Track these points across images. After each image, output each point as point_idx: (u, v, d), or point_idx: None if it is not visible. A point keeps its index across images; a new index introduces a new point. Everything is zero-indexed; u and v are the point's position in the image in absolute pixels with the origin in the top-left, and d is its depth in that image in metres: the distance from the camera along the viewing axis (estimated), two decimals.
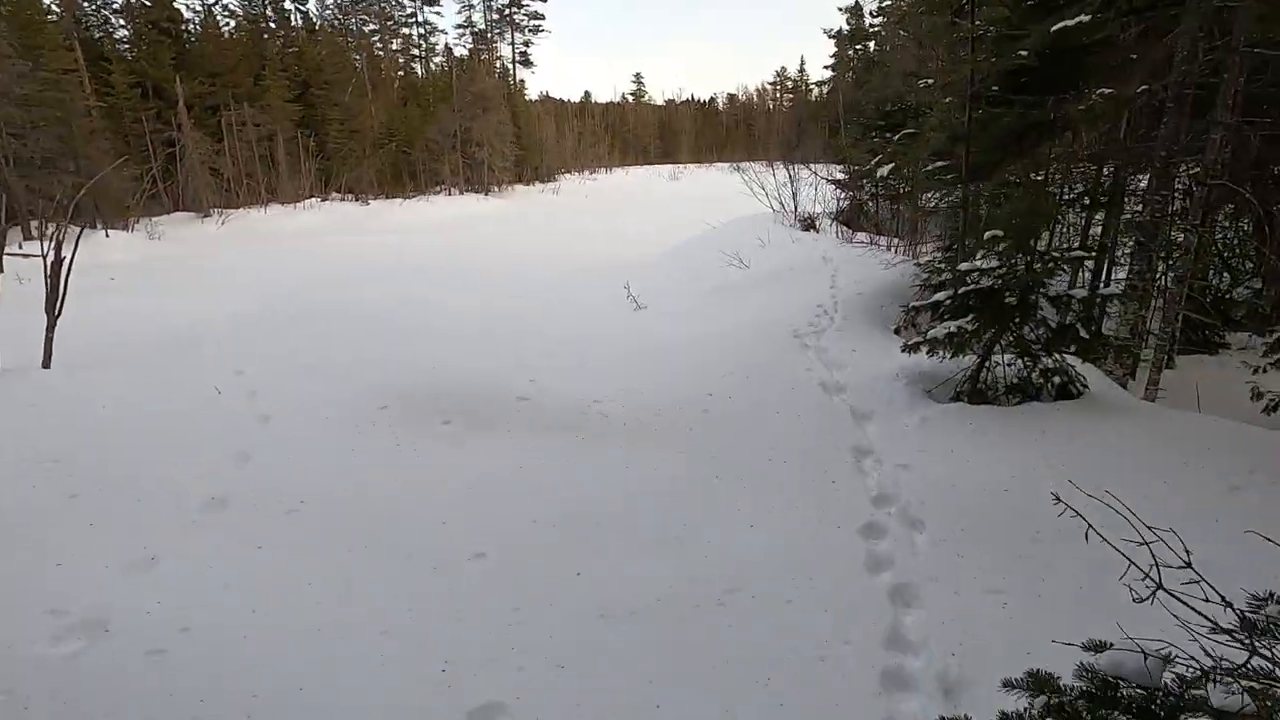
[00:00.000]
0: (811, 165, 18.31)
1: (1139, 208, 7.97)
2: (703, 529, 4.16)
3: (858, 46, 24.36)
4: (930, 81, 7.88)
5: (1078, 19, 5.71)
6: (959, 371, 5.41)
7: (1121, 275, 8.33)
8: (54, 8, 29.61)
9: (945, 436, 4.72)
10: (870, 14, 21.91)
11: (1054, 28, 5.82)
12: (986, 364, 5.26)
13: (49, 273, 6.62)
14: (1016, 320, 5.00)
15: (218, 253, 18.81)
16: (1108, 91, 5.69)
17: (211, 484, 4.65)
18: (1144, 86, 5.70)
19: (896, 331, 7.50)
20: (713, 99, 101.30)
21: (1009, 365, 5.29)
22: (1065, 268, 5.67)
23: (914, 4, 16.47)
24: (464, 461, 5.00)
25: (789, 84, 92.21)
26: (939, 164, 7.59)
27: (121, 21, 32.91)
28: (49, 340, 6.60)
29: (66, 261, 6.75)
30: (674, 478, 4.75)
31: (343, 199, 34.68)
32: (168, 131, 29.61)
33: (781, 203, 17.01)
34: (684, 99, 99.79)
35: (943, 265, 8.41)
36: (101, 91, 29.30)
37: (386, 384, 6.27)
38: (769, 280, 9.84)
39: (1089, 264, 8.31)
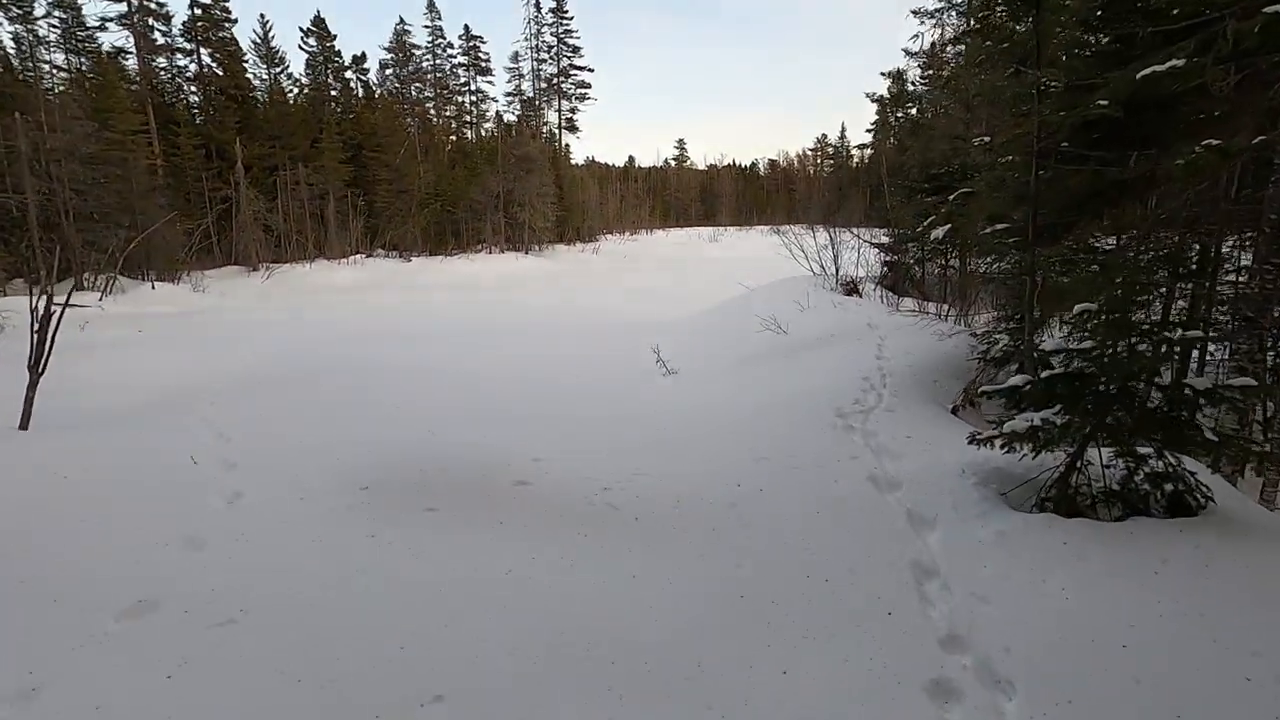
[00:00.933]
0: (855, 229, 17.66)
1: (1238, 278, 7.00)
2: (721, 672, 3.27)
3: (899, 114, 24.10)
4: (986, 140, 7.16)
5: (1169, 64, 4.94)
6: (1042, 472, 4.46)
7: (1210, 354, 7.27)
8: (130, 72, 31.56)
9: (1032, 560, 3.74)
10: (914, 79, 21.71)
11: (1140, 74, 5.06)
12: (1079, 464, 4.31)
13: (37, 326, 6.27)
14: (1117, 412, 4.08)
15: (255, 306, 18.92)
16: (1214, 143, 4.87)
17: (148, 580, 3.97)
18: (1260, 138, 4.88)
19: (954, 411, 6.56)
20: (754, 164, 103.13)
21: (1106, 466, 4.32)
22: (1177, 350, 4.74)
23: (968, 62, 15.98)
24: (443, 562, 4.23)
25: (829, 150, 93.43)
26: (998, 226, 6.79)
27: (193, 88, 34.91)
28: (29, 400, 6.19)
29: (57, 315, 6.41)
30: (689, 596, 3.89)
31: (386, 255, 35.44)
32: (225, 190, 30.93)
33: (822, 265, 16.35)
34: (725, 163, 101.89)
35: (1000, 336, 7.51)
36: (168, 152, 30.95)
37: (378, 458, 5.60)
38: (809, 348, 9.02)
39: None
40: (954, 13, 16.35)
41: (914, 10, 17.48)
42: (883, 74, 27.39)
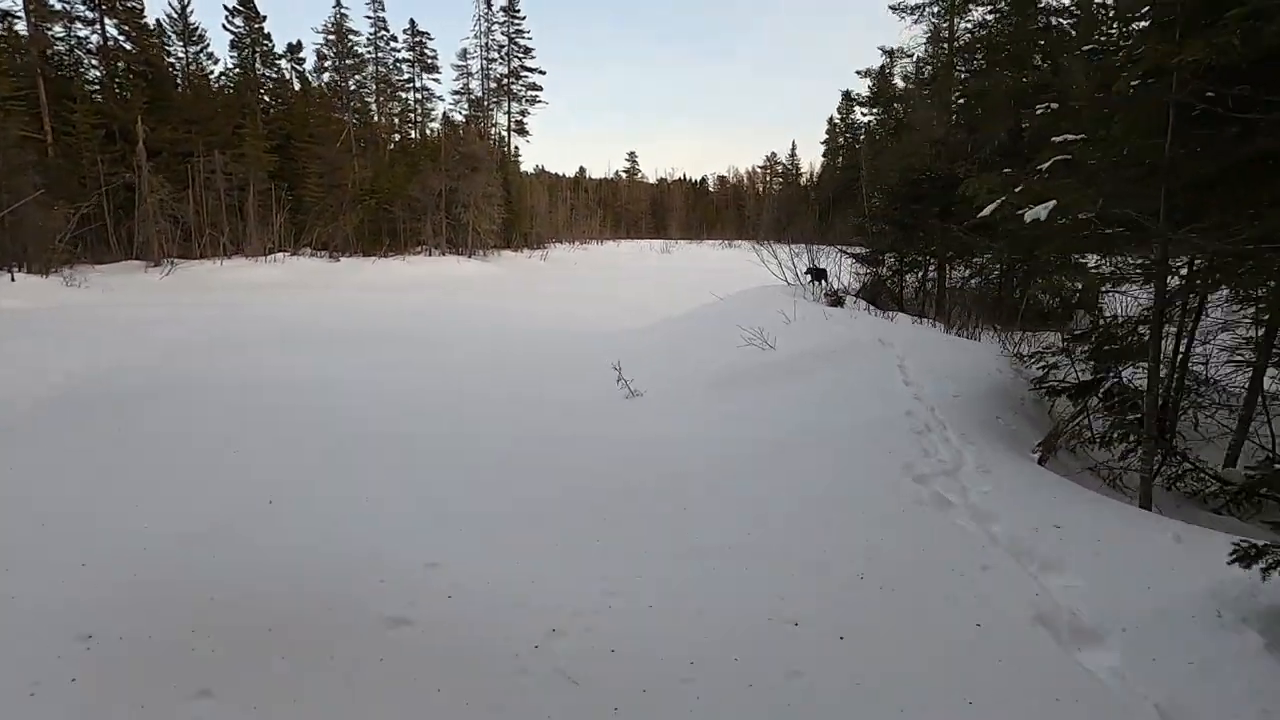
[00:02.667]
0: (813, 245, 16.41)
1: None
2: None
3: (879, 111, 23.13)
4: (1053, 107, 5.59)
5: None
6: None
7: None
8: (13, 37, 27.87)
9: None
10: (903, 75, 20.65)
11: None
12: None
13: None
14: None
15: (134, 304, 16.02)
16: None
17: None
18: None
19: (1041, 461, 4.88)
20: (704, 179, 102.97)
21: None
22: None
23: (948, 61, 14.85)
24: None
25: (779, 167, 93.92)
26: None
27: (95, 62, 31.27)
28: None
29: None
30: None
31: (314, 254, 32.43)
32: (127, 174, 27.50)
33: (798, 275, 14.89)
34: (676, 178, 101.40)
35: (1058, 359, 5.93)
36: (61, 130, 27.38)
37: (142, 568, 3.28)
38: (810, 368, 7.27)
39: None
40: (938, 6, 15.18)
41: (893, 6, 16.28)
42: (859, 72, 26.51)
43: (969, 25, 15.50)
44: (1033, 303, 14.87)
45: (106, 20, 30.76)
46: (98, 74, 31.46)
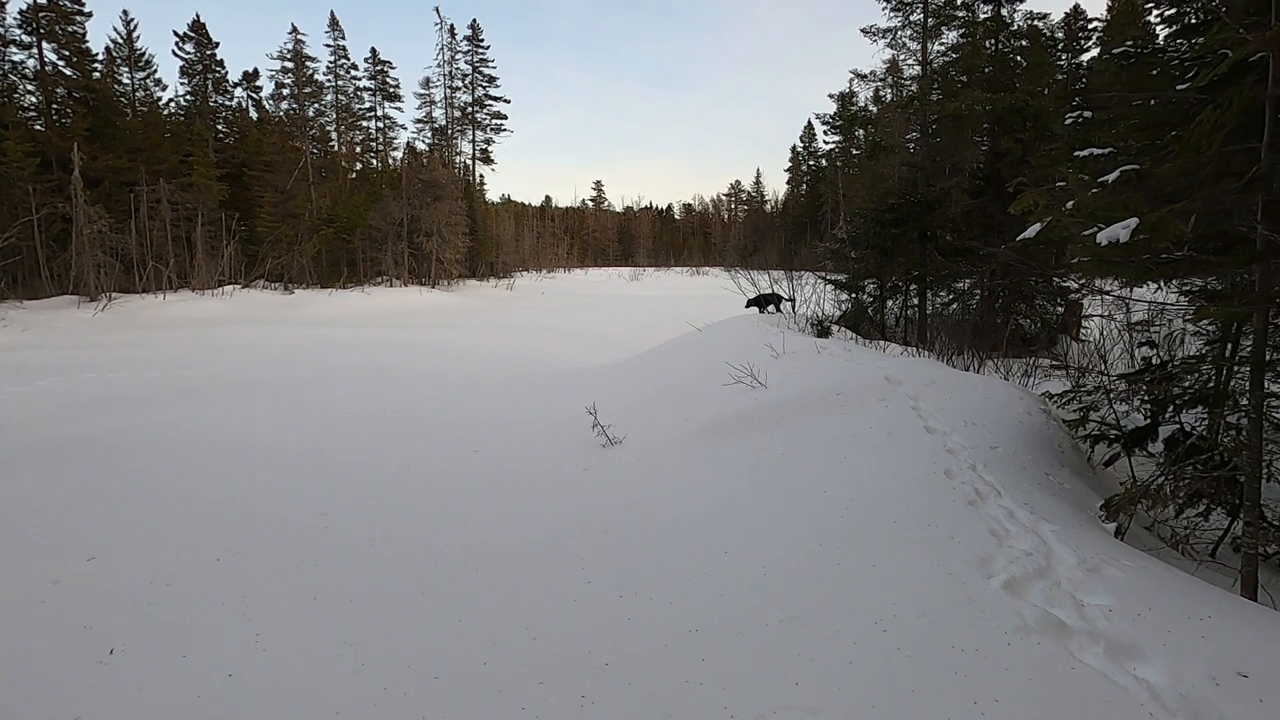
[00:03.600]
0: (822, 272, 15.83)
1: None
2: None
3: (857, 131, 22.84)
4: (1086, 115, 4.90)
5: None
6: None
7: None
8: None
9: None
10: (876, 99, 20.30)
11: None
12: None
13: None
14: None
15: (44, 346, 14.48)
16: None
17: None
18: None
19: (1119, 533, 4.04)
20: (669, 208, 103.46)
21: None
22: None
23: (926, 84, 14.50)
24: None
25: (744, 195, 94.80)
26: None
27: (31, 87, 29.63)
28: None
29: None
30: None
31: (266, 287, 30.89)
32: (62, 205, 25.82)
33: (778, 305, 14.18)
34: (643, 206, 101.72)
35: (1093, 398, 5.17)
36: None
37: None
38: (811, 411, 6.41)
39: None
40: (910, 30, 14.88)
41: (864, 29, 15.98)
42: (830, 95, 26.36)
43: (942, 48, 15.23)
44: (1014, 328, 14.44)
45: (45, 44, 29.23)
46: (35, 100, 29.81)
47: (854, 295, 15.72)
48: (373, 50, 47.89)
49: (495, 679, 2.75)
